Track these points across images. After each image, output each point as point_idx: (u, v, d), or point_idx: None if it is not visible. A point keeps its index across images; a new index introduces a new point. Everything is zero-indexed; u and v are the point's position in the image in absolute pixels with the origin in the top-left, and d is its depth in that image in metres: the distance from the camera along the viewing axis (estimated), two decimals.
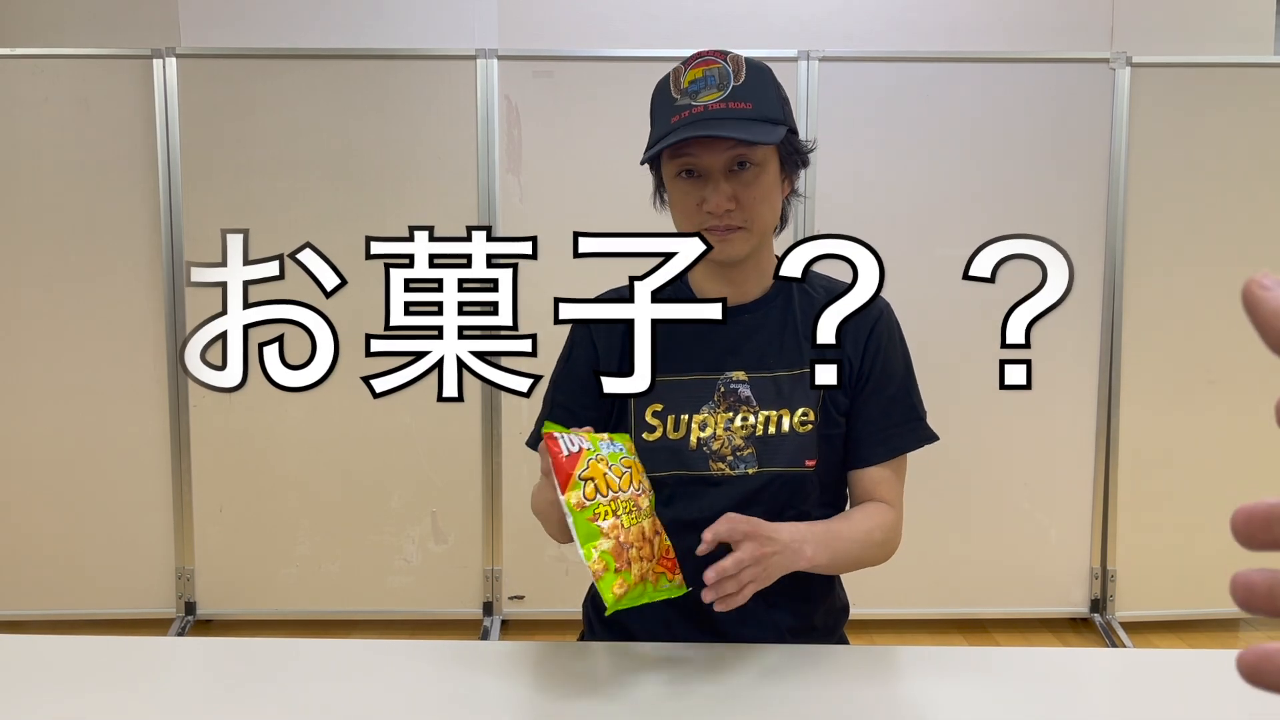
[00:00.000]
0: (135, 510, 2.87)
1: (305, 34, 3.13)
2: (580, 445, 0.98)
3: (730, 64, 1.17)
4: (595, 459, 0.98)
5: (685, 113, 1.17)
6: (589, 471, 0.97)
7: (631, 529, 0.97)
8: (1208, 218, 2.82)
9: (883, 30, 3.17)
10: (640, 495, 1.00)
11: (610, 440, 1.03)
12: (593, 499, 0.96)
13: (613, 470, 0.99)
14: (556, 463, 0.96)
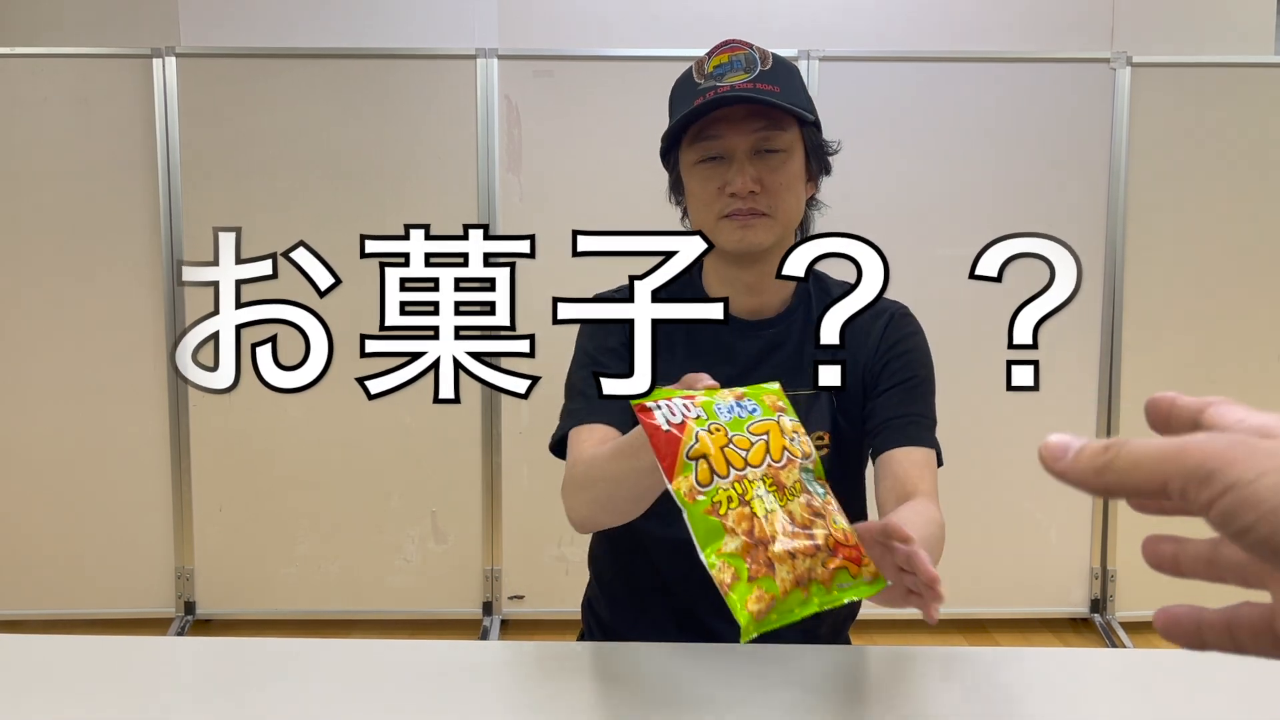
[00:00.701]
0: (135, 510, 2.87)
1: (305, 33, 3.13)
2: (685, 414, 0.77)
3: (756, 51, 1.14)
4: (710, 429, 0.76)
5: (710, 93, 1.10)
6: (700, 447, 0.75)
7: (772, 516, 0.73)
8: (1208, 217, 2.82)
9: (883, 30, 3.17)
10: (785, 467, 0.77)
11: (739, 399, 0.81)
12: (708, 484, 0.73)
13: (737, 441, 0.76)
14: (654, 441, 0.75)
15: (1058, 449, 0.41)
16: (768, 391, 0.83)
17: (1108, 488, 0.40)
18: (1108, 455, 0.39)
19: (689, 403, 0.78)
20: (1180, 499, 0.36)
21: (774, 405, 0.82)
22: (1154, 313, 2.84)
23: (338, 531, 2.88)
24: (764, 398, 0.82)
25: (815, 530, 0.75)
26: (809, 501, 0.77)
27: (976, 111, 2.79)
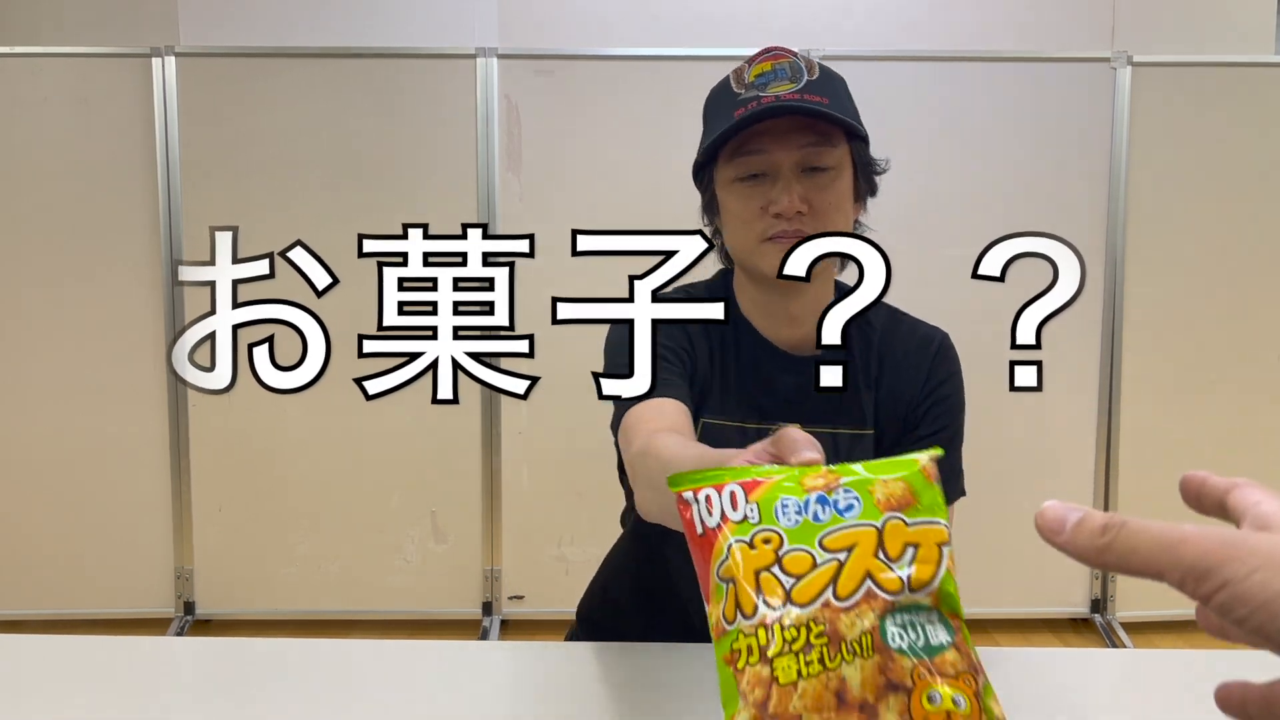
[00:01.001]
0: (134, 510, 2.87)
1: (305, 32, 3.13)
2: (727, 513, 0.56)
3: (802, 60, 1.05)
4: (755, 539, 0.54)
5: (753, 103, 1.01)
6: (729, 567, 0.54)
7: (802, 688, 0.51)
8: (1209, 217, 2.81)
9: (883, 30, 3.16)
10: (855, 610, 0.52)
11: (831, 488, 0.55)
12: (732, 621, 0.53)
13: (790, 561, 0.53)
14: (692, 545, 0.57)
15: (1055, 522, 0.44)
16: (896, 470, 0.56)
17: (1106, 566, 0.42)
18: (1106, 537, 0.42)
19: (741, 493, 0.56)
20: (1179, 588, 0.39)
21: (891, 500, 0.55)
22: (1154, 313, 2.84)
23: (337, 532, 2.88)
24: (878, 486, 0.55)
25: (885, 714, 0.50)
26: (886, 666, 0.51)
27: (976, 111, 2.78)
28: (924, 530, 0.55)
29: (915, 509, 0.55)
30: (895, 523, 0.55)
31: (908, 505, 0.55)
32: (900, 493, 0.56)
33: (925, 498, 0.56)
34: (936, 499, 0.56)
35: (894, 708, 0.51)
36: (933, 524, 0.55)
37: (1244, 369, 2.84)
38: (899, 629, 0.53)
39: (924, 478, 0.56)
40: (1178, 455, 2.86)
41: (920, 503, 0.55)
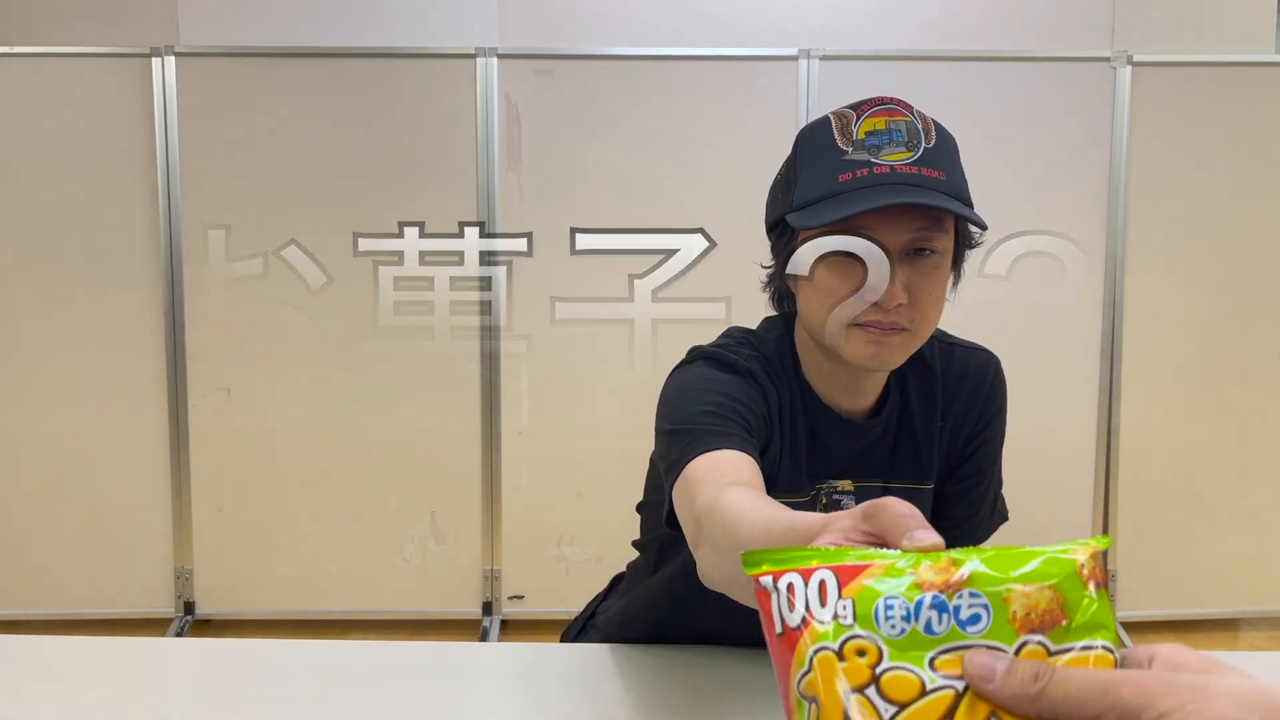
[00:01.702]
0: (134, 509, 2.87)
1: (305, 32, 3.13)
2: (812, 610, 0.45)
3: (918, 119, 0.97)
4: (844, 646, 0.44)
5: (864, 170, 0.91)
6: (811, 682, 0.44)
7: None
8: (1210, 217, 2.81)
9: (882, 29, 3.16)
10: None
11: (951, 589, 0.44)
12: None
13: (889, 682, 0.43)
14: (770, 643, 0.47)
15: (984, 670, 0.42)
16: (1042, 575, 0.44)
17: (1040, 714, 0.41)
18: (1038, 685, 0.41)
19: (833, 584, 0.44)
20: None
21: (1034, 615, 0.43)
22: (1155, 314, 2.83)
23: (337, 531, 2.88)
24: (1016, 595, 0.43)
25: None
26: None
27: (976, 111, 2.78)
28: (1075, 658, 0.43)
29: (1064, 631, 0.43)
30: (1035, 649, 0.43)
31: (1054, 625, 0.43)
32: (1046, 605, 0.43)
33: (1082, 613, 0.43)
34: (1100, 615, 0.43)
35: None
36: (1090, 651, 0.43)
37: (1244, 369, 2.84)
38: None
39: (1080, 584, 0.43)
40: (1178, 455, 2.86)
41: (1074, 621, 0.43)
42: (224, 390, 2.83)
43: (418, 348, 2.80)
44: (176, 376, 2.82)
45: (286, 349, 2.79)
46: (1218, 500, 2.85)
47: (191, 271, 2.78)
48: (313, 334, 2.77)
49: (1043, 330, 2.79)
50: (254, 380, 2.82)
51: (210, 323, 2.80)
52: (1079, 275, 2.80)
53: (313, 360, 2.79)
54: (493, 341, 2.75)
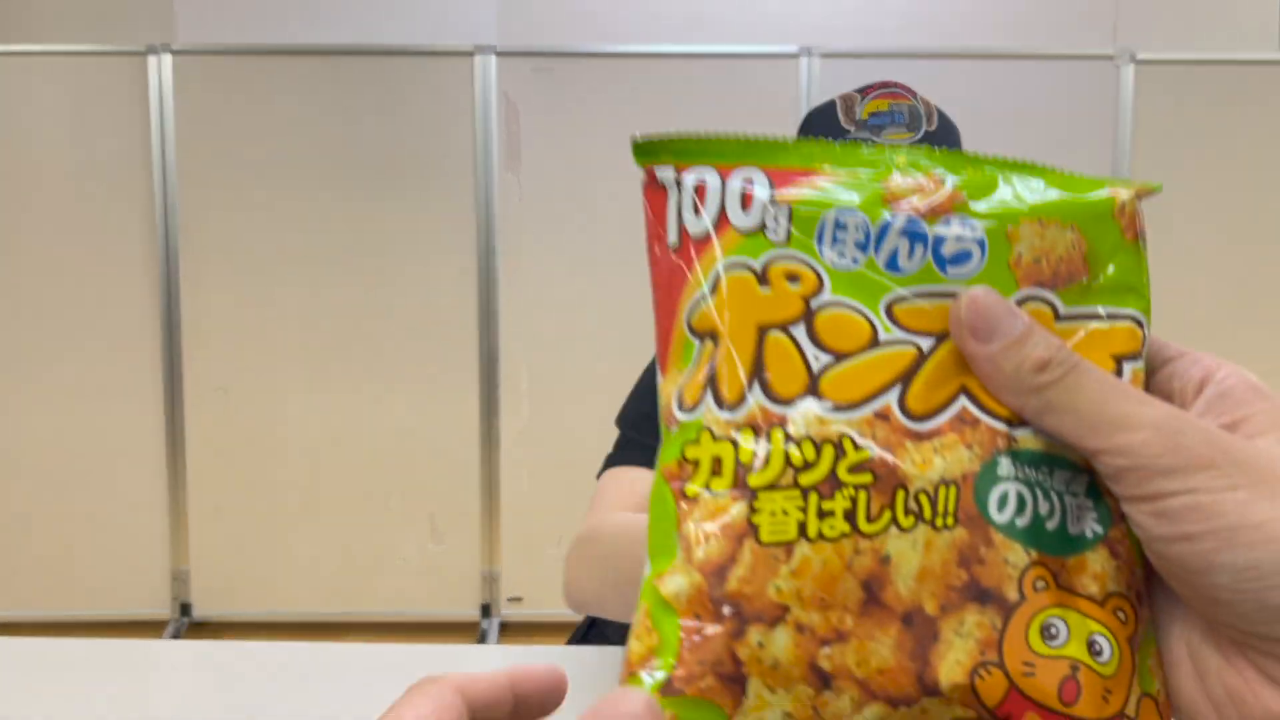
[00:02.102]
0: (130, 510, 2.86)
1: (302, 30, 3.11)
2: (726, 210, 0.31)
3: (921, 104, 0.96)
4: (763, 266, 0.31)
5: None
6: (708, 311, 0.31)
7: (809, 555, 0.29)
8: (1215, 218, 2.79)
9: (881, 27, 3.15)
10: (942, 439, 0.30)
11: (913, 216, 0.31)
12: (695, 406, 0.31)
13: (825, 321, 0.30)
14: (653, 265, 0.35)
15: (985, 321, 0.29)
16: (1067, 208, 0.32)
17: (1031, 415, 0.29)
18: (1045, 376, 0.29)
19: (764, 185, 0.31)
20: (1113, 480, 0.28)
21: (1045, 262, 0.31)
22: (1159, 316, 2.81)
23: (335, 533, 2.87)
24: (1029, 229, 0.32)
25: (950, 641, 0.29)
26: (974, 551, 0.30)
27: (976, 109, 2.76)
28: (1092, 330, 0.32)
29: (1082, 289, 0.32)
30: (1037, 309, 0.31)
31: (1070, 279, 0.31)
32: (1064, 251, 0.31)
33: (1111, 268, 0.32)
34: (1134, 274, 0.32)
35: (971, 634, 0.29)
36: (1113, 320, 0.32)
37: (1253, 370, 2.82)
38: (1015, 490, 0.30)
39: (1115, 229, 0.32)
40: None
41: (1098, 278, 0.32)
42: (221, 390, 2.82)
43: (416, 348, 2.79)
44: (173, 376, 2.80)
45: (284, 349, 2.78)
46: None
47: (188, 271, 2.77)
48: (310, 334, 2.76)
49: None
50: (251, 380, 2.81)
51: (207, 322, 2.79)
52: None
53: (310, 361, 2.78)
54: (492, 342, 2.75)
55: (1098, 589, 0.30)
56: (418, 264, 2.77)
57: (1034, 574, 0.29)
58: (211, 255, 2.77)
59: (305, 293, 2.75)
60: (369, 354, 2.77)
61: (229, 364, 2.80)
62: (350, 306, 2.74)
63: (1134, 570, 0.30)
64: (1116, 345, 0.31)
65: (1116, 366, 0.31)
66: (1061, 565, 0.29)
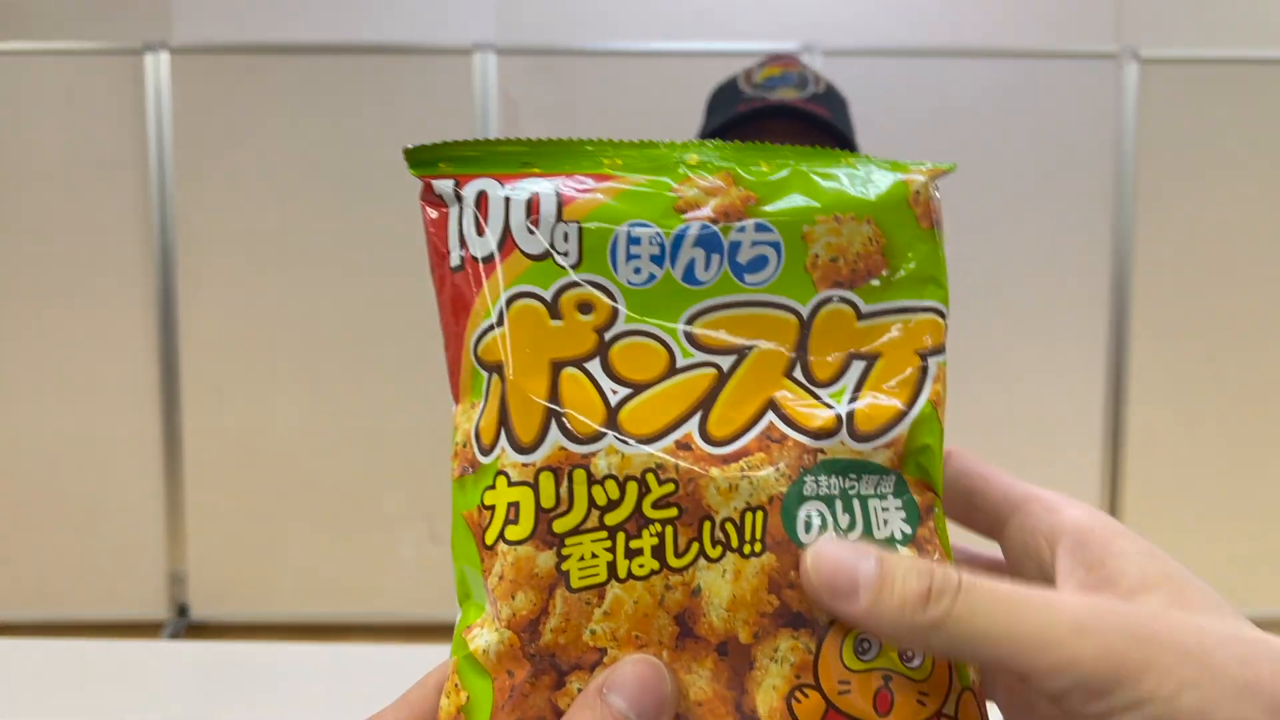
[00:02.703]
0: (127, 511, 2.85)
1: (300, 28, 3.10)
2: (510, 230, 0.30)
3: (810, 72, 1.09)
4: (553, 296, 0.30)
5: (757, 103, 1.06)
6: (494, 342, 0.30)
7: (621, 595, 0.28)
8: (1220, 219, 2.78)
9: (883, 25, 3.14)
10: (748, 460, 0.29)
11: (706, 225, 0.30)
12: (492, 448, 0.30)
13: (620, 353, 0.30)
14: (437, 278, 0.33)
15: (840, 580, 0.27)
16: (857, 200, 0.31)
17: (932, 651, 0.28)
18: (935, 610, 0.26)
19: (551, 198, 0.30)
20: (1055, 700, 0.26)
21: (844, 260, 0.31)
22: (1163, 319, 2.81)
23: (334, 534, 2.86)
24: (822, 227, 0.30)
25: (765, 667, 0.29)
26: (783, 576, 0.29)
27: (976, 108, 2.76)
28: (895, 327, 0.31)
29: (883, 285, 0.31)
30: (838, 310, 0.30)
31: (869, 275, 0.31)
32: (861, 247, 0.30)
33: (910, 257, 0.31)
34: (932, 263, 0.31)
35: (786, 659, 0.28)
36: (914, 314, 0.31)
37: (1256, 371, 2.81)
38: (816, 509, 0.29)
39: (910, 218, 0.32)
40: (1188, 460, 2.84)
41: (899, 271, 0.31)
42: (218, 391, 2.81)
43: (415, 348, 2.78)
44: (170, 377, 2.80)
45: (281, 349, 2.77)
46: (1227, 502, 2.83)
47: (185, 271, 2.76)
48: (308, 334, 2.75)
49: (1047, 331, 2.77)
50: (249, 381, 2.81)
51: (204, 323, 2.78)
52: (1085, 276, 2.78)
53: (308, 361, 2.77)
54: None
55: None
56: (416, 263, 2.74)
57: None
58: (209, 254, 2.76)
59: (303, 292, 2.74)
60: (368, 354, 2.76)
61: (226, 364, 2.80)
62: (349, 306, 2.74)
63: (945, 567, 0.30)
64: (919, 340, 0.31)
65: (921, 362, 0.30)
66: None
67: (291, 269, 2.75)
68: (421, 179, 0.33)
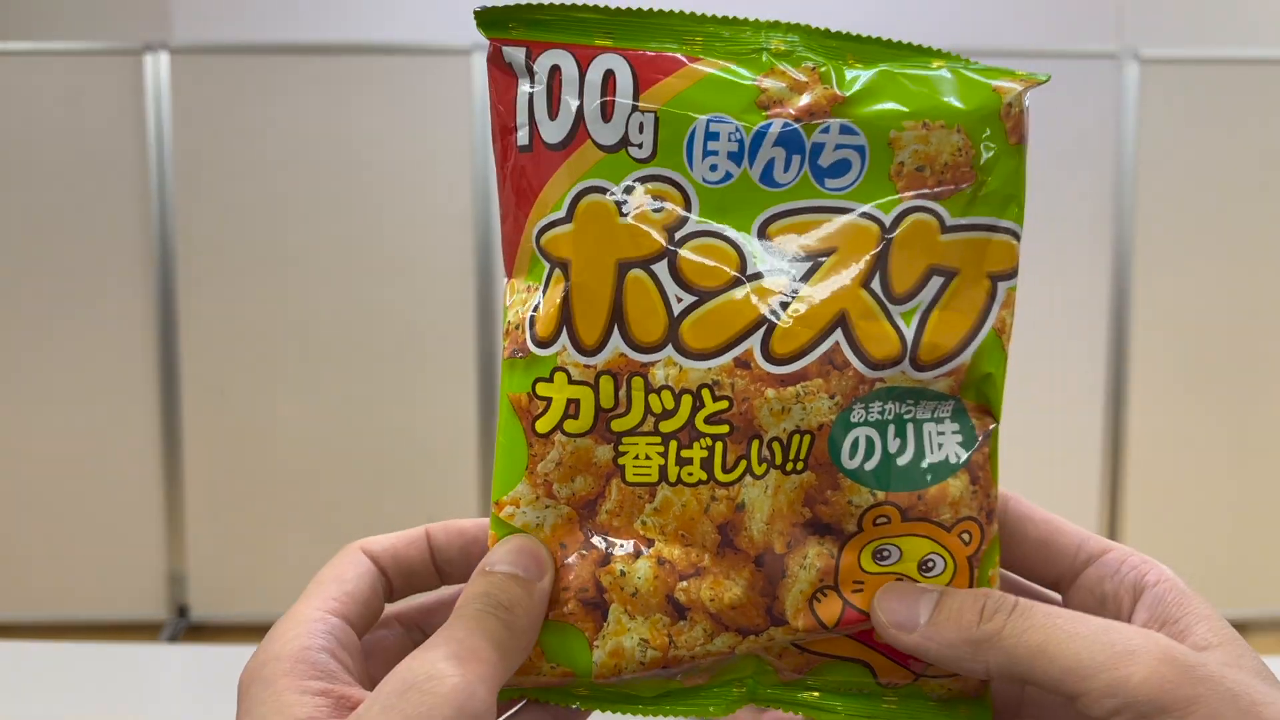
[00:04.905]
0: (126, 511, 2.85)
1: (300, 28, 3.10)
2: (586, 125, 0.30)
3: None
4: (624, 190, 0.29)
5: None
6: (561, 237, 0.30)
7: (670, 497, 0.30)
8: (1223, 220, 2.78)
9: (880, 25, 3.12)
10: (805, 385, 0.29)
11: (789, 122, 0.30)
12: (551, 341, 0.30)
13: (690, 255, 0.29)
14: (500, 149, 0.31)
15: (900, 618, 0.29)
16: (951, 106, 0.30)
17: (990, 671, 0.29)
18: (990, 625, 0.28)
19: (629, 79, 0.29)
20: (1092, 715, 0.27)
21: (931, 168, 0.30)
22: (1163, 319, 2.80)
23: (334, 534, 2.85)
24: (912, 132, 0.30)
25: (795, 574, 0.30)
26: (820, 494, 0.30)
27: None
28: (974, 245, 0.30)
29: (968, 198, 0.29)
30: (922, 221, 0.29)
31: (958, 187, 0.29)
32: (949, 157, 0.29)
33: (997, 172, 0.30)
34: (1014, 182, 0.30)
35: (813, 565, 0.30)
36: (993, 233, 0.30)
37: (1256, 372, 2.81)
38: (865, 435, 0.29)
39: (1000, 131, 0.29)
40: (1189, 459, 2.83)
41: (983, 187, 0.29)
42: (218, 391, 2.81)
43: (414, 348, 2.78)
44: (170, 377, 2.79)
45: (281, 350, 2.77)
46: (1228, 502, 2.82)
47: (185, 271, 2.76)
48: (308, 334, 2.75)
49: (1048, 333, 2.77)
50: (249, 381, 2.80)
51: (204, 323, 2.78)
52: (1085, 276, 2.78)
53: (308, 361, 2.76)
54: (490, 342, 2.74)
55: (950, 515, 0.30)
56: (416, 263, 2.76)
57: (875, 512, 0.30)
58: (208, 255, 2.76)
59: (303, 292, 2.74)
60: (367, 354, 2.76)
61: (226, 365, 2.79)
62: (349, 306, 2.73)
63: (989, 492, 0.32)
64: (994, 262, 0.30)
65: (991, 286, 0.30)
66: (916, 498, 0.30)
67: (291, 269, 2.74)
68: (491, 41, 0.30)
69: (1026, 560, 0.34)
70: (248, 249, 2.76)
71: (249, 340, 2.77)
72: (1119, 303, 2.78)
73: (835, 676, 0.31)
